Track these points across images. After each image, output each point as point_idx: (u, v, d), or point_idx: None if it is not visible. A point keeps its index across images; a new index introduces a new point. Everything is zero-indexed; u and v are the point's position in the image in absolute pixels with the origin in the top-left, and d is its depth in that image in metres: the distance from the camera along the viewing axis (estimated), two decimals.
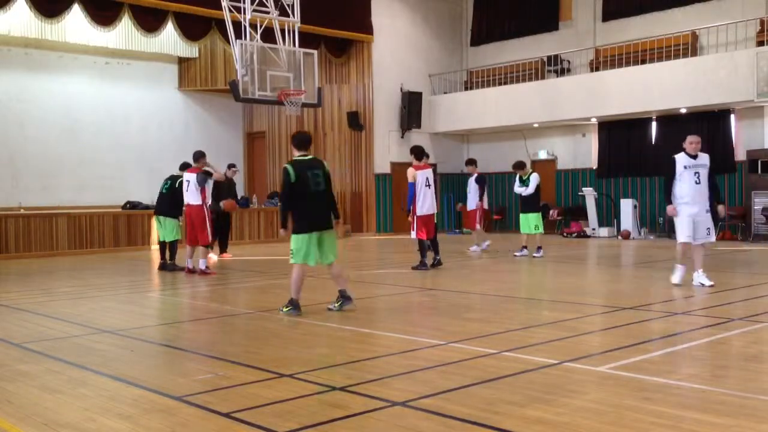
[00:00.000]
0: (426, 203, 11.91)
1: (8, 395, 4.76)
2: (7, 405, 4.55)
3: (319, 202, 7.74)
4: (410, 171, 11.99)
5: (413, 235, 12.05)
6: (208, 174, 13.52)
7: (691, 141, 9.31)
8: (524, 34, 22.84)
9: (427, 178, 11.97)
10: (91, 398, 4.66)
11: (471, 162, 15.88)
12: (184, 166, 12.61)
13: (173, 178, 12.67)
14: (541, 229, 14.30)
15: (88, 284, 11.05)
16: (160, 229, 12.85)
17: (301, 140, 8.01)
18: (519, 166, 14.67)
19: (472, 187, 15.24)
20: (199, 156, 12.17)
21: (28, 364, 5.66)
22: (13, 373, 5.35)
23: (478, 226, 15.43)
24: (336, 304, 7.88)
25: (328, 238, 7.78)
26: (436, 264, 12.20)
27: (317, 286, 10.59)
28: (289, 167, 7.71)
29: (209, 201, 15.18)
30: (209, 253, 12.58)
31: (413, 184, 11.85)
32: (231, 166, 15.31)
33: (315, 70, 16.54)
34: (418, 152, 12.17)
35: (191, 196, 11.95)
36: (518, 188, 14.46)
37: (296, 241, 7.67)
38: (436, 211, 12.23)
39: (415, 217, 11.90)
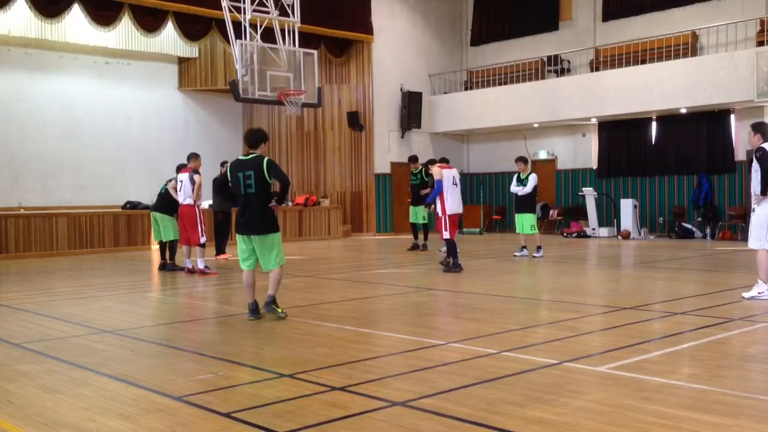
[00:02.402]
0: (454, 202, 11.83)
1: (8, 395, 4.76)
2: (7, 405, 4.55)
3: (248, 204, 7.34)
4: (436, 169, 11.96)
5: (446, 235, 11.75)
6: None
7: None
8: (524, 34, 22.85)
9: (453, 177, 11.91)
10: (91, 398, 4.66)
11: (444, 161, 15.55)
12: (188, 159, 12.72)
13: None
14: (536, 230, 14.27)
15: (88, 284, 11.05)
16: (156, 229, 12.83)
17: (244, 138, 7.72)
18: (522, 159, 14.57)
19: None
20: (192, 157, 12.21)
21: (28, 364, 5.65)
22: (13, 373, 5.34)
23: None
24: (279, 310, 7.54)
25: (260, 244, 7.41)
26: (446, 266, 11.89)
27: (315, 285, 10.60)
28: (228, 165, 7.68)
29: (210, 201, 15.20)
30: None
31: (441, 182, 11.74)
32: (224, 163, 15.24)
33: (315, 70, 16.53)
34: (444, 159, 12.90)
35: (183, 195, 11.97)
36: (515, 187, 14.37)
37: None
38: (461, 212, 12.21)
39: (446, 216, 11.71)
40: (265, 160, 7.34)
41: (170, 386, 4.89)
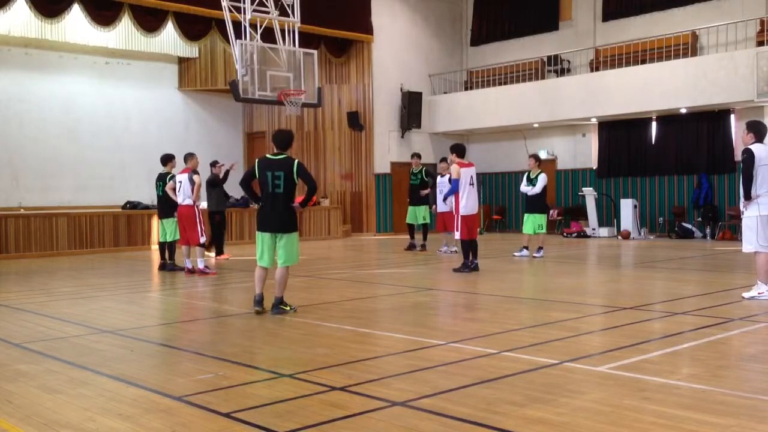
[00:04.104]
0: (470, 202, 11.56)
1: (8, 395, 4.76)
2: (7, 405, 4.55)
3: (275, 203, 7.62)
4: (454, 167, 11.64)
5: (457, 235, 11.62)
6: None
7: None
8: (524, 34, 22.85)
9: (471, 177, 11.63)
10: (91, 398, 4.66)
11: (460, 150, 15.39)
12: (165, 159, 12.69)
13: (162, 178, 12.64)
14: (544, 229, 14.25)
15: (88, 284, 11.04)
16: (162, 232, 12.83)
17: (274, 139, 7.89)
18: (535, 156, 14.48)
19: (447, 188, 14.09)
20: (188, 156, 12.21)
21: (28, 364, 5.65)
22: (13, 373, 5.34)
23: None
24: (287, 308, 7.82)
25: (282, 241, 7.66)
26: (473, 268, 11.61)
27: (315, 285, 10.60)
28: (256, 162, 7.78)
29: (206, 203, 15.19)
30: (205, 253, 12.57)
31: (457, 181, 11.50)
32: (214, 164, 15.13)
33: (315, 70, 16.53)
34: (460, 150, 11.86)
35: (182, 196, 11.97)
36: (524, 187, 14.27)
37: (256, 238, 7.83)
38: (477, 212, 11.88)
39: (459, 217, 11.52)
40: (296, 162, 7.64)
41: (170, 386, 4.89)
